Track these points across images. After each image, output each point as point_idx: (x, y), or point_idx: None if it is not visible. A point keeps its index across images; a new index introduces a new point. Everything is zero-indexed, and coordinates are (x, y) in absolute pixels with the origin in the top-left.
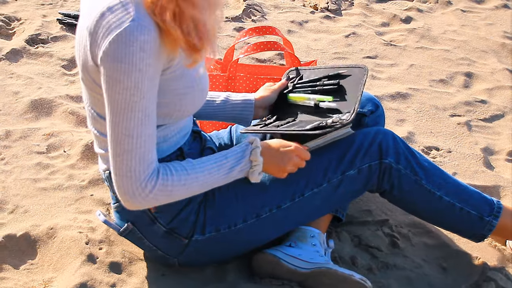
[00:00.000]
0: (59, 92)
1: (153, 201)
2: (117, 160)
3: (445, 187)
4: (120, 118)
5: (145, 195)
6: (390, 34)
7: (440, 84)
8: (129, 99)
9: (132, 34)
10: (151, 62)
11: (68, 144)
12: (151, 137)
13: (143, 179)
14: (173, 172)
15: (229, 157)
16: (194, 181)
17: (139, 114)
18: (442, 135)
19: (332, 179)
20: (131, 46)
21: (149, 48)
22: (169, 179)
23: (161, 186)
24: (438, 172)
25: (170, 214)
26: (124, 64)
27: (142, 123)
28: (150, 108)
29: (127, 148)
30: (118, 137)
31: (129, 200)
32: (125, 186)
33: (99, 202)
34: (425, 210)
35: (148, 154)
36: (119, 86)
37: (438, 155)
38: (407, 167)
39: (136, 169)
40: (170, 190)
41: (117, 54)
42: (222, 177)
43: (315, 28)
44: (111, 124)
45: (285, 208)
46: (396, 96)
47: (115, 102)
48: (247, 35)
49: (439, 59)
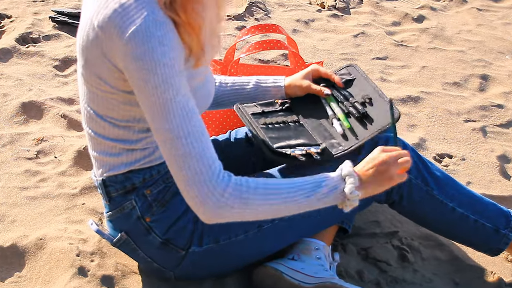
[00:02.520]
0: (50, 94)
1: (228, 208)
2: (178, 169)
3: (458, 197)
4: (162, 123)
5: (218, 196)
6: (401, 34)
7: (454, 87)
8: (162, 98)
9: (148, 30)
10: (174, 56)
11: (59, 150)
12: (202, 133)
13: (210, 178)
14: (248, 179)
15: (322, 187)
16: (275, 192)
17: (179, 111)
18: (456, 142)
19: None
20: (149, 42)
21: (168, 41)
22: (243, 184)
23: (234, 187)
24: (451, 181)
25: (166, 223)
26: (146, 62)
27: (186, 121)
28: (190, 104)
29: (181, 152)
30: (167, 143)
31: (201, 207)
32: (197, 195)
33: (91, 211)
34: (437, 222)
35: (207, 151)
36: (149, 86)
37: (451, 163)
38: (418, 176)
39: (201, 170)
40: (246, 197)
41: (136, 53)
42: (308, 204)
43: (321, 27)
44: (156, 133)
45: (288, 219)
46: (407, 100)
47: (151, 105)
48: (249, 33)
49: (453, 61)
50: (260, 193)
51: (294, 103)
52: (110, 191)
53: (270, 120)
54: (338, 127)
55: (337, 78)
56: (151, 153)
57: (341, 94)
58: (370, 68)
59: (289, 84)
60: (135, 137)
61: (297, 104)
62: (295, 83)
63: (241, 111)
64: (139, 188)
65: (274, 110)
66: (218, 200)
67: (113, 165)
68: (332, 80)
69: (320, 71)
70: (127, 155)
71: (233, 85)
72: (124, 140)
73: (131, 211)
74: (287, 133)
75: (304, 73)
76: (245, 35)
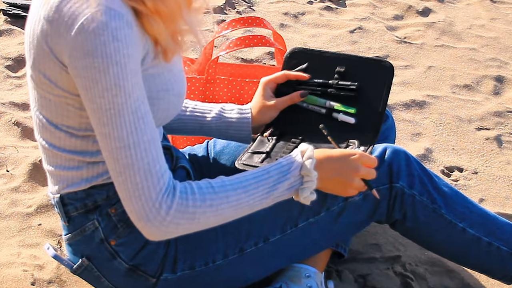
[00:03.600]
0: (1, 98)
1: (174, 226)
2: (119, 180)
3: (470, 217)
4: (109, 129)
5: (162, 218)
6: (404, 29)
7: (464, 91)
8: (112, 102)
9: (101, 21)
10: (130, 53)
11: (12, 163)
12: (154, 143)
13: (155, 198)
14: (195, 189)
15: (272, 171)
16: (224, 201)
17: (129, 117)
18: (467, 153)
19: (332, 206)
20: (101, 35)
21: (123, 35)
22: (189, 198)
23: (179, 206)
24: (461, 198)
25: (133, 247)
26: (97, 59)
27: (136, 128)
28: (143, 109)
29: (126, 162)
30: (113, 152)
31: (144, 226)
32: (136, 209)
33: (49, 233)
34: (445, 245)
35: (154, 164)
36: (98, 88)
37: (462, 178)
38: (423, 192)
39: (144, 186)
40: (193, 212)
41: (86, 48)
42: (262, 198)
43: (313, 21)
44: (102, 139)
45: (274, 241)
46: (411, 105)
47: (98, 109)
48: (230, 28)
49: (464, 60)
50: (208, 205)
51: (282, 127)
52: (69, 210)
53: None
54: (347, 118)
55: (299, 73)
56: None
57: (315, 86)
58: None
59: (258, 110)
60: (95, 148)
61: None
62: (262, 106)
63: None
64: (102, 206)
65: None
66: (162, 220)
67: (71, 181)
68: (304, 78)
69: (290, 76)
70: (88, 169)
71: (193, 111)
72: (83, 152)
73: (94, 233)
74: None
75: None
76: (225, 29)
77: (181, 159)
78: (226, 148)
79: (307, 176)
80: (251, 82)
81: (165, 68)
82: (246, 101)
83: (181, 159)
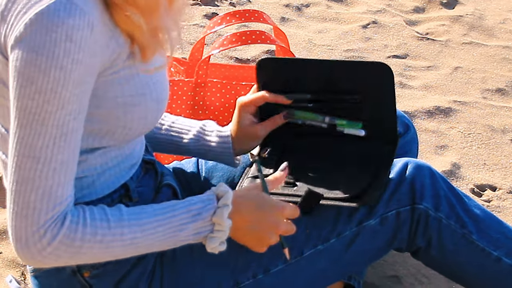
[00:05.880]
0: None
1: (53, 257)
2: (12, 189)
3: (506, 244)
4: (25, 132)
5: (42, 247)
6: (426, 23)
7: (497, 96)
8: (41, 107)
9: (56, 15)
10: (81, 58)
11: None
12: (67, 166)
13: (42, 224)
14: (88, 220)
15: (179, 210)
16: (118, 239)
17: (52, 130)
18: (501, 169)
19: (344, 231)
20: (53, 32)
21: (79, 37)
22: (78, 230)
23: (65, 237)
24: (496, 222)
25: (111, 280)
26: (41, 56)
27: (55, 144)
28: (71, 125)
29: (27, 175)
30: (19, 158)
31: (20, 250)
32: (17, 228)
33: (11, 263)
34: (477, 277)
35: (57, 189)
36: (31, 88)
37: (495, 197)
38: (451, 215)
39: (36, 207)
40: (79, 246)
41: (33, 42)
42: (162, 240)
43: (319, 14)
44: (13, 139)
45: (275, 273)
46: (435, 112)
47: (22, 109)
48: (224, 23)
49: (496, 60)
50: (98, 240)
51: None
52: None
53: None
54: (355, 130)
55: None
56: (90, 184)
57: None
58: None
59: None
60: None
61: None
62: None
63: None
64: None
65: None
66: (41, 250)
67: None
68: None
69: (269, 99)
70: None
71: (169, 130)
72: None
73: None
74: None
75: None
76: (218, 25)
77: (167, 175)
78: (220, 163)
79: (219, 225)
80: (247, 86)
81: (142, 69)
82: None
83: (166, 175)
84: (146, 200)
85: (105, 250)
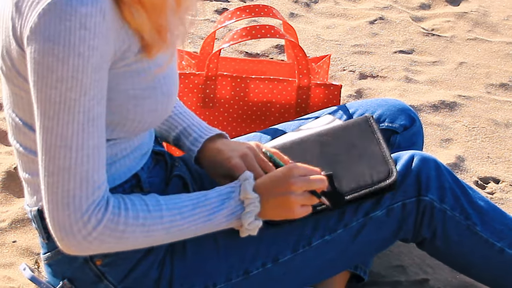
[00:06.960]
0: None
1: (97, 243)
2: (49, 181)
3: (509, 235)
4: (53, 123)
5: (87, 232)
6: (432, 20)
7: (501, 90)
8: (65, 95)
9: (69, 4)
10: (97, 45)
11: None
12: (99, 150)
13: (85, 209)
14: (128, 205)
15: (211, 194)
16: (158, 222)
17: (79, 116)
18: (504, 162)
19: (351, 222)
20: (67, 21)
21: (93, 24)
22: (121, 214)
23: (110, 222)
24: (499, 214)
25: (122, 268)
26: (57, 45)
27: (84, 130)
28: (96, 110)
29: (63, 164)
30: (51, 149)
31: (64, 239)
32: (60, 218)
33: (25, 251)
34: (480, 267)
35: (93, 174)
36: (52, 77)
37: (498, 190)
38: (456, 207)
39: (76, 195)
40: (122, 230)
41: (48, 32)
42: (198, 224)
43: (327, 10)
44: (41, 131)
45: (284, 262)
46: (440, 107)
47: (46, 100)
48: (234, 18)
49: (500, 55)
50: (140, 223)
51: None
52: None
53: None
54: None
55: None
56: None
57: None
58: (391, 64)
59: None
60: None
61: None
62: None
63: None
64: None
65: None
66: (86, 235)
67: None
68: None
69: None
70: None
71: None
72: None
73: None
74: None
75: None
76: (228, 19)
77: (177, 167)
78: None
79: (247, 199)
80: (257, 79)
81: (153, 63)
82: (251, 100)
83: (177, 167)
84: (157, 190)
85: (147, 233)
